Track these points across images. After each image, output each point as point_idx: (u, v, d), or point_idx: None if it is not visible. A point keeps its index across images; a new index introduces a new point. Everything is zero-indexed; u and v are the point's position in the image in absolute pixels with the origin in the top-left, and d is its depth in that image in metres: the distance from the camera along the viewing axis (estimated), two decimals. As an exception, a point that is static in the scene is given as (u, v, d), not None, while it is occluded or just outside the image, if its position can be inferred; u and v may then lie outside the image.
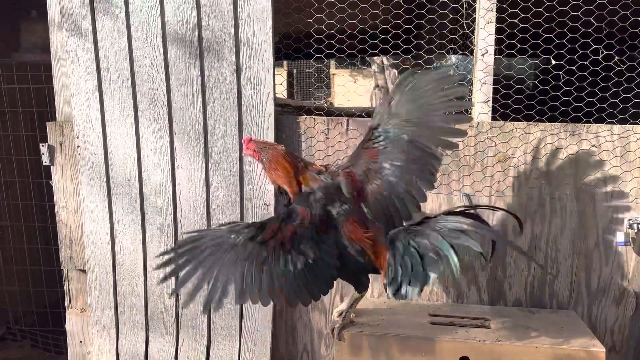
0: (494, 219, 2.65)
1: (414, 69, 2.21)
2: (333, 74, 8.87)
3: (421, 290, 1.95)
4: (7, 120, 3.78)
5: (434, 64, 3.69)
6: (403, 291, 1.98)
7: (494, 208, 2.46)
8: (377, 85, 8.36)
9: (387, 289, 2.05)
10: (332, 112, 2.90)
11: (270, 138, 2.62)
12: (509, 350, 2.19)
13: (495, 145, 2.62)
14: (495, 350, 2.19)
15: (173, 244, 2.74)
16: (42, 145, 2.85)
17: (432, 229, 1.98)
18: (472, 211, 2.12)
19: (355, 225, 2.12)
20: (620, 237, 2.60)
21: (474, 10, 2.63)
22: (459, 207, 2.25)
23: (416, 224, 2.09)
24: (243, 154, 2.32)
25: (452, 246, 1.90)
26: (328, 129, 2.68)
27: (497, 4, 2.55)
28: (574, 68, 2.77)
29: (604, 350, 2.15)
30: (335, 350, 2.33)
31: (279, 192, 2.28)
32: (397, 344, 2.27)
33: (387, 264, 2.06)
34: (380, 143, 2.20)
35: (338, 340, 2.32)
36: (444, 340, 2.24)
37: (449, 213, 2.08)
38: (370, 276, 2.36)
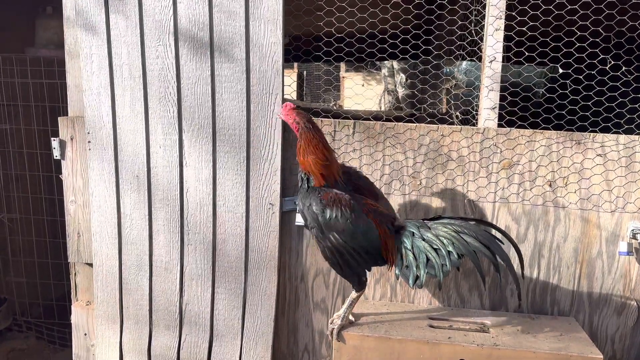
0: (497, 223, 2.66)
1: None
2: (343, 77, 8.90)
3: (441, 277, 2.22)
4: (19, 114, 3.84)
5: (443, 70, 3.71)
6: (419, 280, 2.23)
7: (493, 226, 2.48)
8: (386, 89, 8.38)
9: (401, 276, 2.29)
10: (339, 115, 2.93)
11: (278, 139, 2.65)
12: (507, 355, 2.20)
13: (501, 151, 2.64)
14: (494, 355, 2.20)
15: (179, 241, 2.78)
16: (54, 140, 2.90)
17: (446, 226, 2.28)
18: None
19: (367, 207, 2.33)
20: (623, 246, 2.61)
21: (483, 17, 2.65)
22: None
23: (429, 219, 2.34)
24: (277, 115, 2.46)
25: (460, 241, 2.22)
26: (335, 130, 2.71)
27: (505, 12, 2.57)
28: (581, 77, 2.78)
29: (602, 357, 2.16)
30: (334, 351, 2.35)
31: (304, 177, 2.35)
32: (396, 347, 2.29)
33: (397, 251, 2.28)
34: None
35: (337, 342, 2.34)
36: (442, 343, 2.25)
37: (462, 219, 2.34)
38: (371, 277, 2.40)
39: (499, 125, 2.66)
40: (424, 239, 2.26)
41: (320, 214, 2.26)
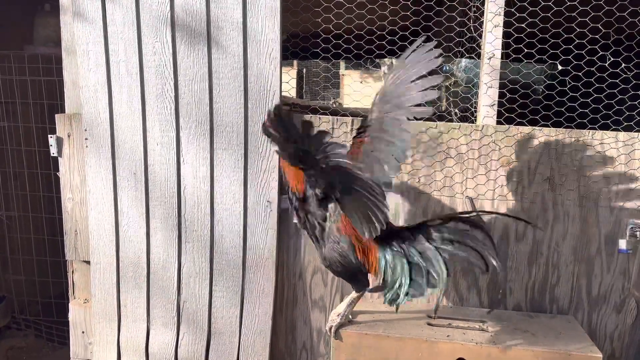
0: (495, 223, 2.65)
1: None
2: (343, 75, 8.86)
3: (413, 297, 2.09)
4: (17, 111, 3.83)
5: (442, 67, 3.69)
6: (396, 298, 2.12)
7: (494, 213, 2.47)
8: (386, 87, 8.34)
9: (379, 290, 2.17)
10: (337, 112, 2.92)
11: (275, 136, 2.63)
12: (505, 354, 2.19)
13: (500, 149, 2.62)
14: (492, 353, 2.19)
15: (177, 238, 2.77)
16: (51, 137, 2.88)
17: (428, 238, 2.10)
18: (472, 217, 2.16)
19: (347, 221, 2.16)
20: (622, 244, 2.60)
21: (482, 13, 2.64)
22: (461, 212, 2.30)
23: (413, 227, 2.16)
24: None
25: (444, 261, 2.06)
26: (333, 128, 2.70)
27: (504, 8, 2.56)
28: (580, 74, 2.76)
29: (601, 355, 2.15)
30: (332, 349, 2.35)
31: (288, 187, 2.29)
32: (395, 344, 2.28)
33: (379, 268, 2.15)
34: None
35: (335, 339, 2.33)
36: (441, 342, 2.24)
37: (450, 219, 2.13)
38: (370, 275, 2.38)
39: (498, 123, 2.65)
40: (406, 256, 2.10)
41: None
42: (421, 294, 2.09)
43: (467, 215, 2.15)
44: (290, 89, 3.17)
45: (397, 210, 2.69)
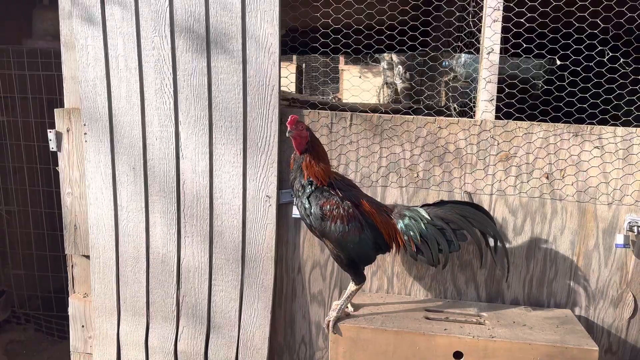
0: (494, 216, 2.66)
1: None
2: (342, 70, 8.87)
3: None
4: (16, 106, 3.83)
5: (442, 61, 3.69)
6: (431, 258, 2.36)
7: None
8: (385, 82, 8.35)
9: (417, 256, 2.39)
10: (336, 107, 2.92)
11: (274, 131, 2.64)
12: (502, 347, 2.20)
13: (498, 144, 2.63)
14: (489, 346, 2.21)
15: (176, 233, 2.78)
16: (50, 132, 2.89)
17: (452, 209, 2.40)
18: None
19: (364, 200, 2.41)
20: (620, 239, 2.60)
21: (481, 8, 2.63)
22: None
23: (432, 205, 2.45)
24: (287, 134, 2.32)
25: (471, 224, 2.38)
26: (332, 123, 2.70)
27: (504, 3, 2.55)
28: (578, 69, 2.77)
29: (597, 349, 2.16)
30: (330, 343, 2.36)
31: (304, 183, 2.35)
32: (392, 338, 2.30)
33: (403, 234, 2.38)
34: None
35: (333, 333, 2.35)
36: (438, 335, 2.26)
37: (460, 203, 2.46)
38: (368, 269, 2.40)
39: (497, 117, 2.66)
40: (432, 223, 2.37)
41: (319, 221, 2.34)
42: (454, 248, 2.38)
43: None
44: (289, 84, 3.17)
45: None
